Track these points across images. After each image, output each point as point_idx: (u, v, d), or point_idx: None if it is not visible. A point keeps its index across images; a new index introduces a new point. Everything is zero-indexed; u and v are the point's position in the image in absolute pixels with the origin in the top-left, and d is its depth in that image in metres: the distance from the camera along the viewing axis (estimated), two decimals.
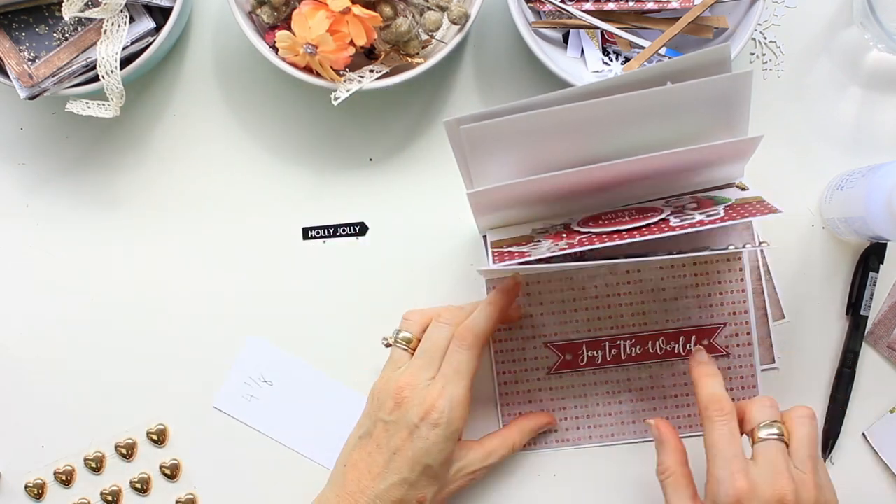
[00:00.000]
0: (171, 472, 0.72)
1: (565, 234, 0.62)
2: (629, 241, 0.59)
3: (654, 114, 0.58)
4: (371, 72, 0.68)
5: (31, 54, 0.67)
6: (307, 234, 0.74)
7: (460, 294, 0.72)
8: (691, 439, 0.67)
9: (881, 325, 0.72)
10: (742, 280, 0.71)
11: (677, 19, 0.70)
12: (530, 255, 0.60)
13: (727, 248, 0.65)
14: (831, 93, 0.74)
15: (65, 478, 0.72)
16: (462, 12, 0.67)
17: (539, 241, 0.63)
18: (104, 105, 0.68)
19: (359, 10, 0.64)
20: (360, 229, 0.74)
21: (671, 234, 0.58)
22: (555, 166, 0.59)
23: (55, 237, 0.74)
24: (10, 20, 0.67)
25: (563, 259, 0.61)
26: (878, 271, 0.72)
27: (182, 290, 0.73)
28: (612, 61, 0.72)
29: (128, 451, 0.72)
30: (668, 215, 0.61)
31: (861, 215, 0.65)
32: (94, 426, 0.73)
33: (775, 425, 0.62)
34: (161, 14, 0.70)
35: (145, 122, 0.74)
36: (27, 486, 0.72)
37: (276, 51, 0.67)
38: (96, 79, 0.67)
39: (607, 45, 0.72)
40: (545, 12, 0.72)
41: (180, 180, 0.74)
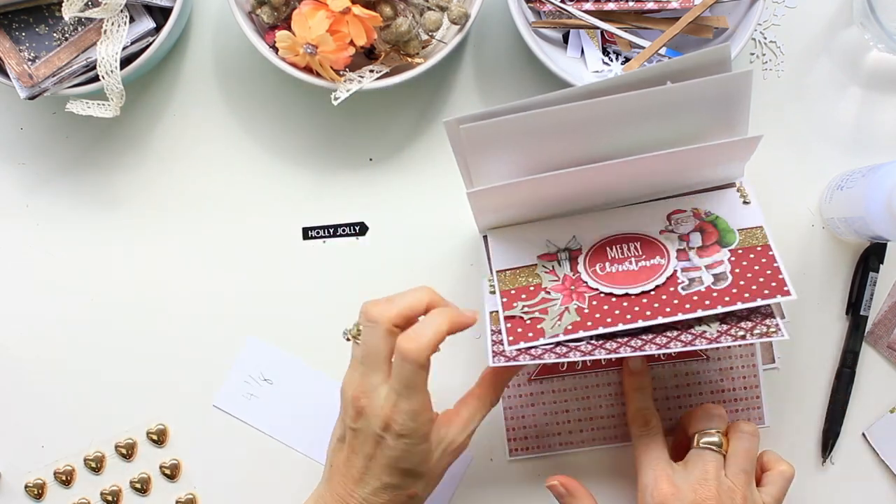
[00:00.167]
0: (171, 472, 0.72)
1: (574, 287, 0.63)
2: (643, 324, 0.60)
3: (654, 114, 0.58)
4: (371, 72, 0.68)
5: (31, 54, 0.67)
6: (307, 234, 0.74)
7: (460, 294, 0.72)
8: None
9: (881, 325, 0.72)
10: None
11: (677, 19, 0.70)
12: (545, 334, 0.61)
13: (745, 339, 0.60)
14: (831, 93, 0.74)
15: (65, 478, 0.72)
16: (462, 12, 0.67)
17: (549, 292, 0.63)
18: (104, 105, 0.68)
19: (359, 10, 0.64)
20: (360, 229, 0.74)
21: (686, 348, 0.59)
22: (555, 166, 0.59)
23: (55, 237, 0.74)
24: (10, 20, 0.67)
25: (576, 348, 0.61)
26: (878, 271, 0.72)
27: (182, 290, 0.73)
28: (612, 61, 0.72)
29: (128, 451, 0.72)
30: (673, 257, 0.63)
31: (861, 215, 0.65)
32: (94, 426, 0.72)
33: (716, 435, 0.63)
34: (161, 14, 0.70)
35: (145, 122, 0.74)
36: (27, 486, 0.72)
37: (276, 51, 0.67)
38: (96, 79, 0.67)
39: (607, 45, 0.72)
40: (545, 12, 0.72)
41: (180, 180, 0.74)
